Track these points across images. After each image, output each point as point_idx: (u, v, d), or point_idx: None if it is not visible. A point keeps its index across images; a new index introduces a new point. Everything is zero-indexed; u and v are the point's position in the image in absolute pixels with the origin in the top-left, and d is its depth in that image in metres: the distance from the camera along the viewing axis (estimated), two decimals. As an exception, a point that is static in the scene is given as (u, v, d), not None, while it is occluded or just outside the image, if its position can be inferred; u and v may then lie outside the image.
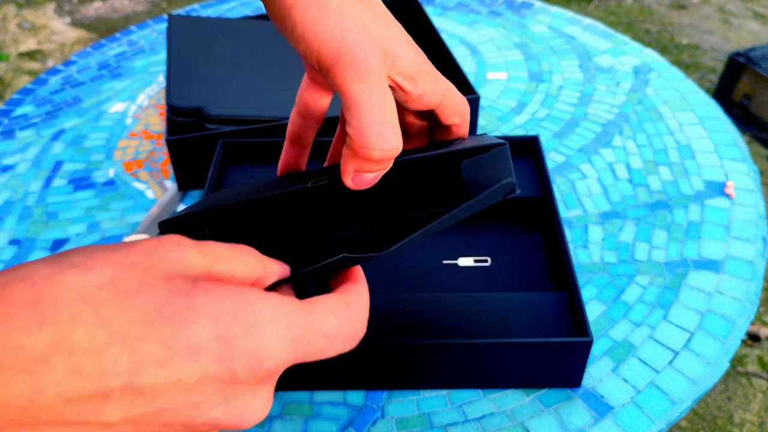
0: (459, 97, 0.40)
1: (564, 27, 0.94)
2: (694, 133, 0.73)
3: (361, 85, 0.32)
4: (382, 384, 0.49)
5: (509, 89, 0.82)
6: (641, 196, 0.65)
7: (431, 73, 0.37)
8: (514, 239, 0.59)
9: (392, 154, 0.33)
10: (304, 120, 0.41)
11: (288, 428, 0.47)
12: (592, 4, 2.64)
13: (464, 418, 0.47)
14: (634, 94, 0.79)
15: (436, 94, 0.38)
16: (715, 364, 0.50)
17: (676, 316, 0.54)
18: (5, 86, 2.23)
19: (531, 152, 0.64)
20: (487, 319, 0.49)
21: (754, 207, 0.63)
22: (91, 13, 2.67)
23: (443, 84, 0.38)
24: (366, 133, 0.32)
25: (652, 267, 0.58)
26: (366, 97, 0.32)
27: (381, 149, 0.32)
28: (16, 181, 0.71)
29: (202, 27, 0.80)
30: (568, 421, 0.46)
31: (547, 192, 0.58)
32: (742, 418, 1.26)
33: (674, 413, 0.47)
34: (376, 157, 0.32)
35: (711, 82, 2.16)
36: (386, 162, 0.33)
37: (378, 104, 0.32)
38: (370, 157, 0.32)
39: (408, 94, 0.37)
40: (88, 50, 0.95)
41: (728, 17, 2.54)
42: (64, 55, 2.39)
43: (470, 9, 1.00)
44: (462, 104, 0.40)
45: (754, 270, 0.57)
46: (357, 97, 0.32)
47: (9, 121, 0.81)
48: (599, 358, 0.51)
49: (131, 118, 0.80)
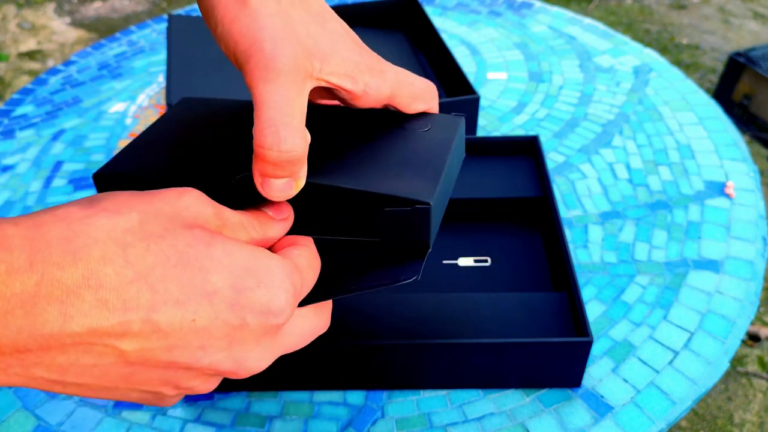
0: (416, 83, 0.38)
1: (564, 27, 0.94)
2: (694, 133, 0.73)
3: (267, 85, 0.31)
4: (382, 384, 0.49)
5: (509, 89, 0.82)
6: (641, 196, 0.65)
7: (374, 68, 0.36)
8: (514, 239, 0.59)
9: (289, 157, 0.31)
10: None
11: (288, 428, 0.47)
12: (592, 4, 2.64)
13: (464, 418, 0.47)
14: (634, 94, 0.79)
15: (383, 88, 0.37)
16: (715, 364, 0.50)
17: (676, 316, 0.54)
18: (5, 86, 2.23)
19: (531, 152, 0.64)
20: (487, 319, 0.49)
21: (754, 207, 0.63)
22: (91, 13, 2.67)
23: (392, 75, 0.37)
24: (263, 132, 0.31)
25: (652, 267, 0.58)
26: (269, 97, 0.31)
27: (277, 150, 0.30)
28: (16, 181, 0.71)
29: (202, 27, 0.80)
30: (568, 421, 0.46)
31: (547, 192, 0.58)
32: (742, 418, 1.26)
33: (674, 413, 0.47)
34: (273, 158, 0.31)
35: (711, 82, 2.16)
36: (286, 166, 0.31)
37: (280, 104, 0.31)
38: (267, 157, 0.31)
39: (350, 93, 0.36)
40: (88, 50, 0.95)
41: (728, 17, 2.54)
42: (64, 55, 2.39)
43: (470, 9, 1.00)
44: (422, 90, 0.39)
45: (754, 270, 0.57)
46: (261, 97, 0.31)
47: (9, 121, 0.81)
48: (599, 358, 0.51)
49: (131, 118, 0.80)
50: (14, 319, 0.23)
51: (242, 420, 0.48)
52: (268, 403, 0.49)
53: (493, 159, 0.64)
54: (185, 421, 0.48)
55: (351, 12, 0.86)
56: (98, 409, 0.48)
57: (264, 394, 0.49)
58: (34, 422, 0.48)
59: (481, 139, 0.64)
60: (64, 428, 0.47)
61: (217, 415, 0.48)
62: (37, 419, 0.48)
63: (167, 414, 0.48)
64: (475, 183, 0.61)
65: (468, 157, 0.64)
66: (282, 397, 0.49)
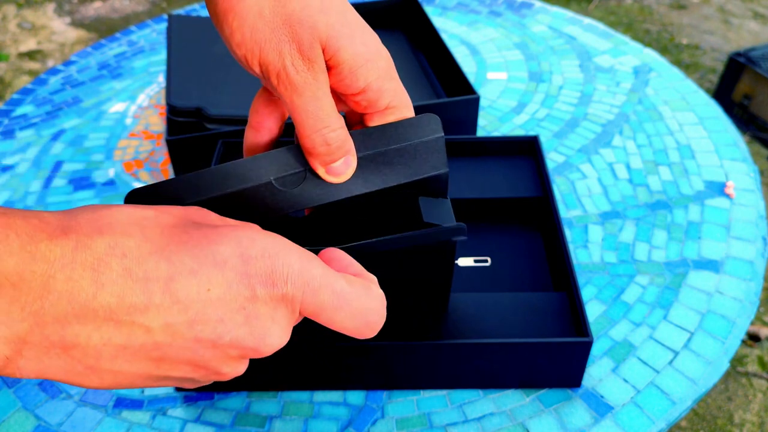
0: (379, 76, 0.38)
1: (564, 27, 0.94)
2: (694, 133, 0.73)
3: (298, 99, 0.35)
4: (382, 384, 0.49)
5: (509, 89, 0.82)
6: (641, 196, 0.65)
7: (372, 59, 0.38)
8: (514, 239, 0.59)
9: (340, 145, 0.36)
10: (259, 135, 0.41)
11: (288, 428, 0.47)
12: (592, 4, 2.64)
13: (464, 418, 0.47)
14: (634, 94, 0.79)
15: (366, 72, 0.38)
16: (715, 364, 0.50)
17: (676, 316, 0.54)
18: (5, 86, 2.23)
19: (531, 152, 0.64)
20: (487, 319, 0.49)
21: (754, 207, 0.63)
22: (91, 13, 2.67)
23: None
24: (309, 138, 0.36)
25: (652, 267, 0.58)
26: (302, 108, 0.35)
27: (326, 145, 0.36)
28: (16, 181, 0.71)
29: (202, 27, 0.80)
30: (568, 421, 0.46)
31: (547, 192, 0.58)
32: (742, 418, 1.26)
33: (674, 413, 0.47)
34: (325, 152, 0.36)
35: (711, 82, 2.16)
36: (338, 151, 0.36)
37: (314, 111, 0.35)
38: (320, 153, 0.36)
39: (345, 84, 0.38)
40: (88, 50, 0.95)
41: (728, 17, 2.54)
42: (64, 55, 2.39)
43: (470, 9, 1.00)
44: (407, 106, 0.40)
45: (754, 270, 0.57)
46: (296, 109, 0.35)
47: (9, 121, 0.81)
48: (599, 358, 0.51)
49: (131, 118, 0.80)
50: (55, 283, 0.26)
51: (242, 420, 0.48)
52: (268, 403, 0.49)
53: (493, 159, 0.64)
54: (185, 421, 0.48)
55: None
56: (98, 409, 0.48)
57: (264, 394, 0.49)
58: (34, 422, 0.48)
59: (481, 139, 0.64)
60: (64, 428, 0.47)
61: (217, 415, 0.48)
62: (37, 419, 0.48)
63: (167, 414, 0.48)
64: (475, 183, 0.61)
65: (468, 157, 0.64)
66: (282, 397, 0.49)
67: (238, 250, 0.29)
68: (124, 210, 0.29)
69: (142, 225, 0.29)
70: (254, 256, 0.29)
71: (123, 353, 0.28)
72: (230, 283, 0.29)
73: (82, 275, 0.26)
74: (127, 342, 0.27)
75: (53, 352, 0.27)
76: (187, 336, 0.28)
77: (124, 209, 0.29)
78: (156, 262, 0.28)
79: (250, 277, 0.29)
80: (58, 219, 0.27)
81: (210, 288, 0.28)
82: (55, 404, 0.49)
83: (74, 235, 0.27)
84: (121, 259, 0.27)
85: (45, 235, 0.26)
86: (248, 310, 0.29)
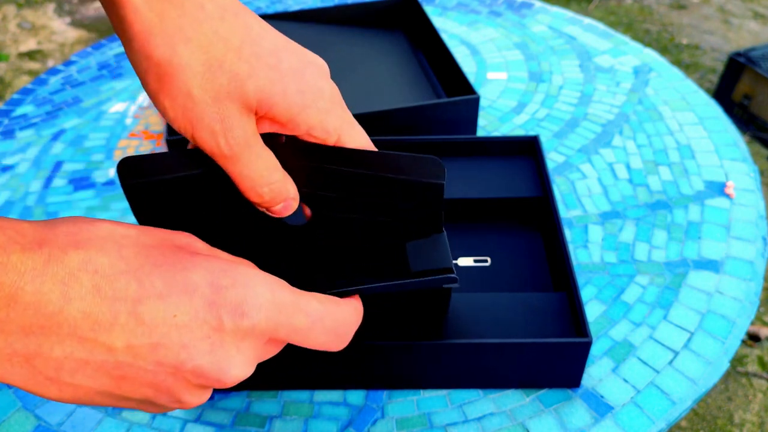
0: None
1: (564, 27, 0.94)
2: (694, 133, 0.73)
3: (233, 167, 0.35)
4: (382, 384, 0.49)
5: (509, 89, 0.82)
6: (641, 196, 0.65)
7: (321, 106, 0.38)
8: (514, 239, 0.59)
9: (274, 196, 0.37)
10: None
11: (288, 428, 0.47)
12: (592, 4, 2.64)
13: (464, 418, 0.47)
14: (634, 94, 0.79)
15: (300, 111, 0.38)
16: (715, 364, 0.50)
17: (676, 316, 0.54)
18: (5, 86, 2.23)
19: (531, 152, 0.64)
20: (486, 319, 0.49)
21: (754, 207, 0.63)
22: (91, 13, 2.67)
23: None
24: (247, 194, 0.37)
25: (652, 267, 0.58)
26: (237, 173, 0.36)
27: (262, 199, 0.37)
28: (16, 181, 0.71)
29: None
30: (568, 421, 0.46)
31: (547, 192, 0.58)
32: (742, 418, 1.26)
33: (674, 413, 0.47)
34: (262, 203, 0.37)
35: (711, 82, 2.16)
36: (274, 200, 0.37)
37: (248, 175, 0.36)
38: (259, 204, 0.37)
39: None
40: (88, 50, 0.95)
41: (728, 17, 2.54)
42: (64, 55, 2.39)
43: (470, 9, 1.00)
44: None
45: (754, 270, 0.57)
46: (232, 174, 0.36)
47: (9, 121, 0.81)
48: (599, 358, 0.51)
49: (131, 118, 0.80)
50: (24, 294, 0.26)
51: (242, 420, 0.48)
52: (268, 403, 0.49)
53: (493, 159, 0.64)
54: (185, 421, 0.48)
55: (351, 12, 0.86)
56: (98, 409, 0.48)
57: (264, 394, 0.49)
58: (34, 422, 0.48)
59: (481, 139, 0.64)
60: (64, 428, 0.47)
61: (217, 415, 0.48)
62: (37, 419, 0.48)
63: (167, 414, 0.48)
64: (475, 183, 0.61)
65: (468, 157, 0.64)
66: (282, 397, 0.49)
67: (209, 279, 0.30)
68: (105, 226, 0.30)
69: (120, 243, 0.29)
70: (225, 286, 0.30)
71: (84, 368, 0.28)
72: (197, 311, 0.29)
73: (51, 288, 0.26)
74: (88, 357, 0.28)
75: (15, 360, 0.27)
76: (149, 359, 0.28)
77: (106, 225, 0.30)
78: (126, 282, 0.28)
79: (218, 307, 0.29)
80: (36, 230, 0.28)
81: (176, 314, 0.28)
82: (55, 404, 0.49)
83: (47, 248, 0.27)
84: (93, 275, 0.27)
85: (18, 247, 0.26)
86: (213, 339, 0.29)
